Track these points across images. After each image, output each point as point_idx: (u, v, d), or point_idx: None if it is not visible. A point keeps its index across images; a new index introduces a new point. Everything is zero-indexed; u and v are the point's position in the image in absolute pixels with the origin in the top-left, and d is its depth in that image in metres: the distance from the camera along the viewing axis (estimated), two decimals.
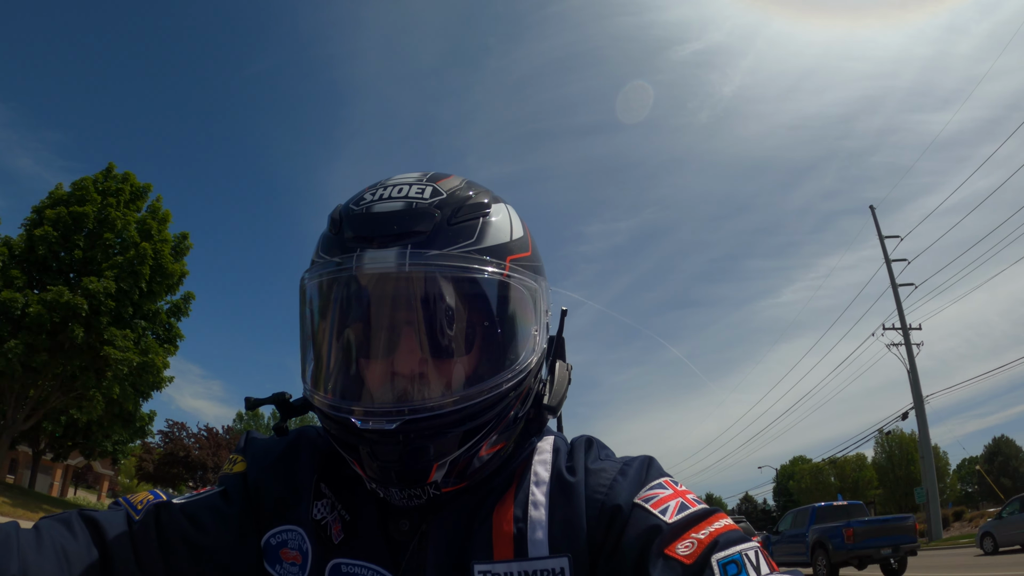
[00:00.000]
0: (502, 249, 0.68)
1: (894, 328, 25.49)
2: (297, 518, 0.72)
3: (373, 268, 0.63)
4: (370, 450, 0.63)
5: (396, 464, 0.63)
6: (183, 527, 0.69)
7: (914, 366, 24.94)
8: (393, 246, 0.63)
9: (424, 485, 0.65)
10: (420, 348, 0.64)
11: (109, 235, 19.34)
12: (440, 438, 0.63)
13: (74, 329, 17.41)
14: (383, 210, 0.66)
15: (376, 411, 0.62)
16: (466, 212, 0.67)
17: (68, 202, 19.42)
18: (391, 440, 0.62)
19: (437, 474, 0.65)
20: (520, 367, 0.67)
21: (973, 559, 14.01)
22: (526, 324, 0.70)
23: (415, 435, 0.62)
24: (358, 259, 0.63)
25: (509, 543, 0.65)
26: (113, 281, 18.25)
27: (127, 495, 0.76)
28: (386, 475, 0.63)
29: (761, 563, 0.57)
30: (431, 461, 0.63)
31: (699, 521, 0.61)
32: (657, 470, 0.70)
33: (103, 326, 17.96)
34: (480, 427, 0.65)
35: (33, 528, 0.64)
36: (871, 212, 27.20)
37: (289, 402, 0.76)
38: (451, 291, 0.65)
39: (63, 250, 19.06)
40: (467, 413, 0.63)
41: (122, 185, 20.54)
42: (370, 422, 0.62)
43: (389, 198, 0.67)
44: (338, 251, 0.66)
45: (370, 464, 0.64)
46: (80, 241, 19.14)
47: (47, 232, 18.50)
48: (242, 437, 0.84)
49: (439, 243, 0.64)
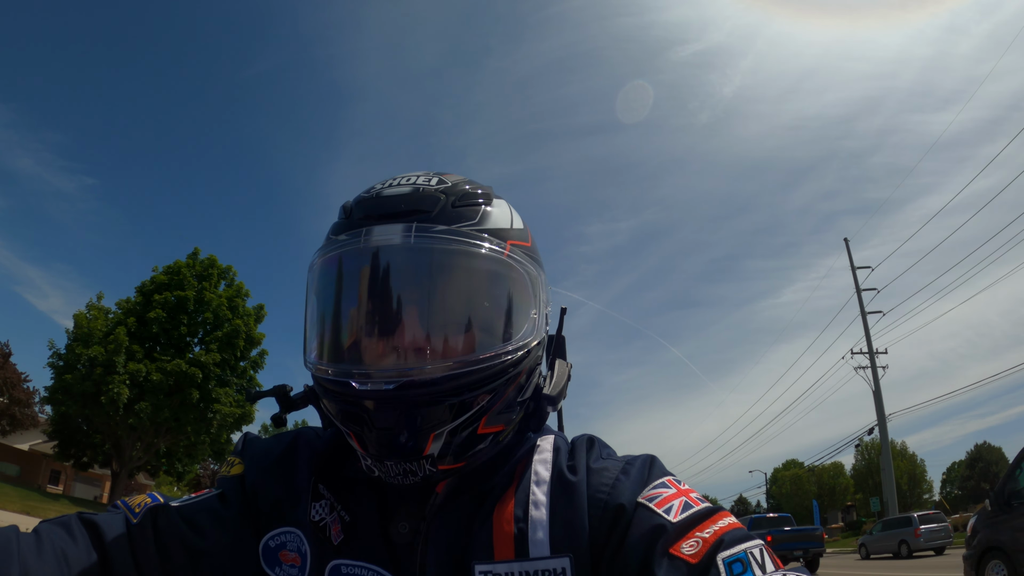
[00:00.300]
0: (503, 233, 0.72)
1: (862, 352, 29.46)
2: (296, 520, 0.72)
3: (380, 241, 0.66)
4: (368, 416, 0.64)
5: (394, 430, 0.63)
6: (180, 530, 0.69)
7: (878, 387, 28.82)
8: (399, 222, 0.67)
9: (421, 458, 0.65)
10: (421, 317, 0.66)
11: (208, 314, 24.83)
12: (437, 405, 0.64)
13: (192, 392, 22.95)
14: (391, 194, 0.70)
15: (375, 374, 0.64)
16: (469, 198, 0.71)
17: (169, 286, 24.90)
18: (389, 405, 0.63)
19: (434, 446, 0.65)
20: (519, 344, 0.69)
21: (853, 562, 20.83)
22: (525, 305, 0.72)
23: (413, 401, 0.63)
24: (366, 234, 0.67)
25: (510, 543, 0.65)
26: (218, 353, 23.89)
27: (125, 498, 0.75)
28: (384, 443, 0.64)
29: (766, 561, 0.57)
30: (429, 429, 0.64)
31: (703, 520, 0.61)
32: (660, 469, 0.70)
33: (211, 387, 23.47)
34: (479, 399, 0.66)
35: (33, 532, 0.64)
36: (845, 244, 31.06)
37: (289, 395, 0.77)
38: (453, 264, 0.68)
39: (171, 327, 24.36)
40: (465, 382, 0.64)
41: (210, 270, 25.96)
42: (368, 384, 0.63)
43: (398, 185, 0.71)
44: (347, 231, 0.70)
45: (368, 434, 0.65)
46: (184, 319, 24.64)
47: (158, 314, 23.90)
48: (240, 439, 0.84)
49: (443, 222, 0.67)
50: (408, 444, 0.64)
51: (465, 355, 0.65)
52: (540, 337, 0.73)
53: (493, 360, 0.66)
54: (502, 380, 0.68)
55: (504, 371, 0.68)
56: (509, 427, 0.72)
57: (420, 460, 0.65)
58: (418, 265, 0.67)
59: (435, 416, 0.64)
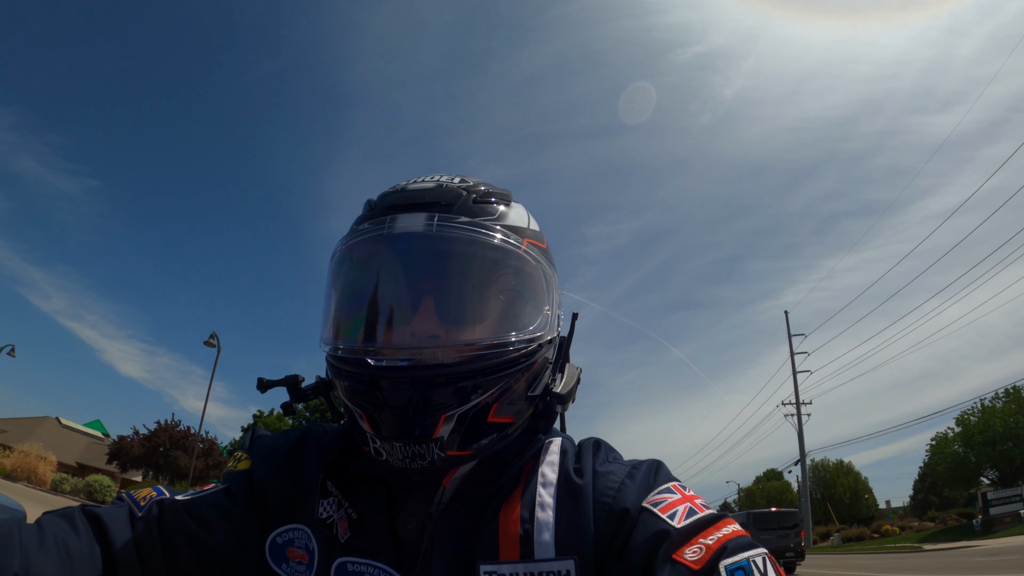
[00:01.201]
0: (520, 231, 0.74)
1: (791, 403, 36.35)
2: (304, 517, 0.72)
3: (403, 228, 0.69)
4: (381, 395, 0.65)
5: (405, 409, 0.64)
6: (186, 525, 0.69)
7: (801, 432, 35.80)
8: (422, 213, 0.70)
9: (430, 441, 0.65)
10: (438, 302, 0.68)
11: None
12: (449, 387, 0.65)
13: None
14: (416, 188, 0.73)
15: (390, 353, 0.66)
16: (489, 196, 0.74)
17: None
18: (402, 384, 0.64)
19: (443, 429, 0.65)
20: (532, 334, 0.71)
21: None
22: (539, 299, 0.74)
23: (426, 381, 0.64)
24: (390, 222, 0.70)
25: (515, 544, 0.64)
26: None
27: (131, 490, 0.75)
28: (395, 422, 0.65)
29: (769, 570, 0.57)
30: (440, 411, 0.65)
31: (707, 526, 0.61)
32: (665, 474, 0.70)
33: None
34: (489, 384, 0.67)
35: (36, 524, 0.63)
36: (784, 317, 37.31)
37: (300, 385, 0.78)
38: (473, 253, 0.70)
39: None
40: (478, 366, 0.66)
41: None
42: (384, 361, 0.65)
43: (421, 182, 0.74)
44: (371, 220, 0.72)
45: (380, 413, 0.65)
46: None
47: None
48: (248, 433, 0.84)
49: (464, 215, 0.70)
50: (418, 424, 0.65)
51: (479, 339, 0.68)
52: (552, 335, 0.76)
53: (506, 347, 0.69)
54: (514, 369, 0.69)
55: (516, 360, 0.69)
56: (519, 421, 0.73)
57: (429, 443, 0.66)
58: (438, 252, 0.70)
59: (446, 398, 0.65)
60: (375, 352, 0.67)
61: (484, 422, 0.69)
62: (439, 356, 0.66)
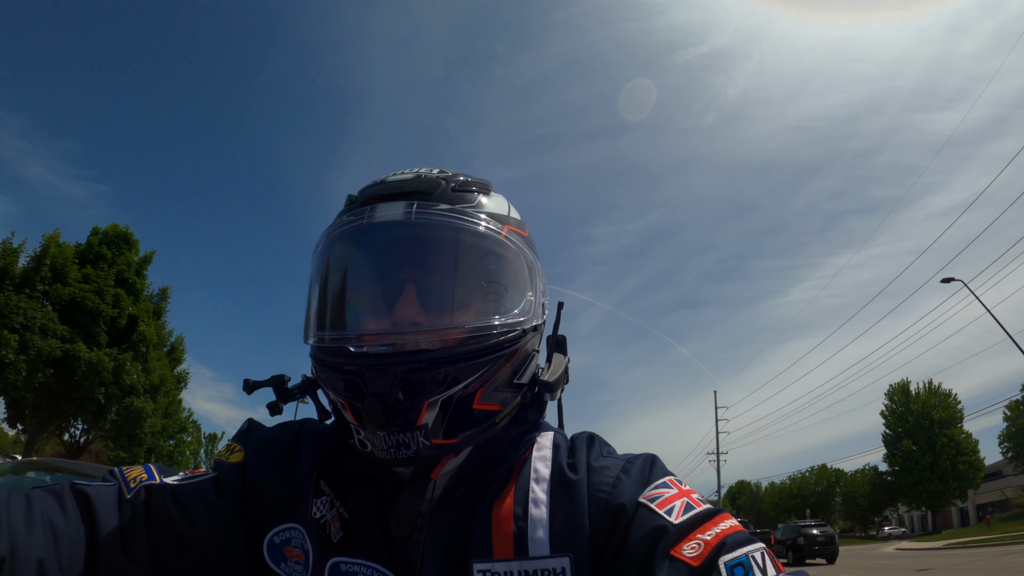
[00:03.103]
0: (500, 218, 0.74)
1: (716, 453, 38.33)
2: (298, 516, 0.71)
3: (383, 217, 0.69)
4: (363, 384, 0.64)
5: (388, 396, 0.63)
6: (172, 514, 0.68)
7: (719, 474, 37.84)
8: (401, 201, 0.70)
9: (414, 429, 0.64)
10: (419, 288, 0.68)
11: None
12: (432, 371, 0.64)
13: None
14: (395, 179, 0.73)
15: (370, 339, 0.66)
16: (468, 186, 0.75)
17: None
18: (384, 371, 0.63)
19: (427, 415, 0.64)
20: (515, 319, 0.70)
21: None
22: (521, 285, 0.73)
23: (408, 366, 0.63)
24: (370, 212, 0.70)
25: (509, 542, 0.64)
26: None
27: (123, 467, 0.74)
28: (378, 410, 0.64)
29: (768, 565, 0.57)
30: (423, 396, 0.64)
31: (705, 522, 0.61)
32: (661, 469, 0.69)
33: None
34: (473, 369, 0.66)
35: (24, 499, 0.63)
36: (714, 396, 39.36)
37: (286, 385, 0.77)
38: (453, 239, 0.70)
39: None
40: (460, 351, 0.65)
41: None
42: (364, 347, 0.65)
43: (401, 174, 0.75)
44: (351, 212, 0.72)
45: (363, 403, 0.64)
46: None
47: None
48: (243, 424, 0.82)
49: (444, 203, 0.71)
50: (401, 411, 0.64)
51: (461, 324, 0.67)
52: (537, 321, 0.75)
53: (489, 331, 0.68)
54: (497, 354, 0.68)
55: (500, 345, 0.69)
56: (505, 410, 0.72)
57: (413, 431, 0.65)
58: (418, 239, 0.70)
59: (429, 383, 0.64)
60: (356, 340, 0.67)
61: (469, 409, 0.68)
62: (421, 342, 0.66)
